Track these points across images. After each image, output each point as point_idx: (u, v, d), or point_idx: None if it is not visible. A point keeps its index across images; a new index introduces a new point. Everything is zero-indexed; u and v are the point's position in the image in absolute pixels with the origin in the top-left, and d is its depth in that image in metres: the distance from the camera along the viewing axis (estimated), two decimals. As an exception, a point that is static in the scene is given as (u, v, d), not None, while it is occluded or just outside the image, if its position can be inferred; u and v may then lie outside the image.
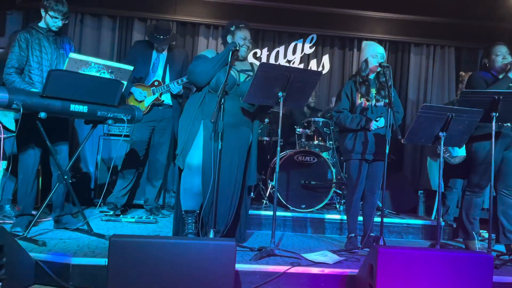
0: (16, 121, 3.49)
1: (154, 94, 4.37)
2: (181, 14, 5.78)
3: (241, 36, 3.38)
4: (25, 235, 3.14)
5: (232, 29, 3.41)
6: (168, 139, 4.53)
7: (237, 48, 3.29)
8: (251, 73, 3.44)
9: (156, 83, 4.39)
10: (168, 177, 4.94)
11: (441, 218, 3.82)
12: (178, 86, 4.33)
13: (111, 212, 4.28)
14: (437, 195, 3.49)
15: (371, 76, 3.62)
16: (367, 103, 3.57)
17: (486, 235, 4.26)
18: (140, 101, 4.36)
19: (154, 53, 4.45)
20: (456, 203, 4.82)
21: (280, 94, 3.16)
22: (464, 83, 4.58)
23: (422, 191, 5.38)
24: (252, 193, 4.79)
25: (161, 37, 4.33)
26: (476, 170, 3.75)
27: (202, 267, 2.39)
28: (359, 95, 3.57)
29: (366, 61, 3.58)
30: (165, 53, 4.47)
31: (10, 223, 3.48)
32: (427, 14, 5.99)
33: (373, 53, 3.55)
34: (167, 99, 4.44)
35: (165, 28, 4.40)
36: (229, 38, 3.41)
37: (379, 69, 3.55)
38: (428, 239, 4.38)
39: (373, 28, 6.01)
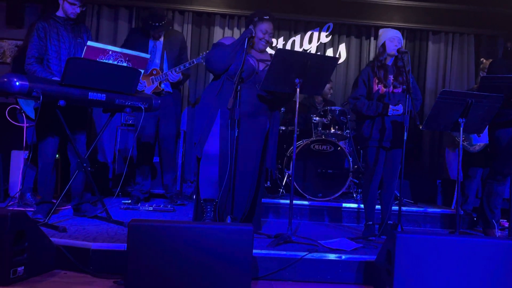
0: (36, 110, 3.54)
1: (153, 83, 4.36)
2: (196, 4, 5.77)
3: (262, 30, 3.34)
4: (46, 221, 3.20)
5: (255, 19, 3.37)
6: (174, 128, 4.52)
7: (253, 35, 3.28)
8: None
9: (154, 72, 4.36)
10: (184, 166, 4.97)
11: (459, 207, 3.78)
12: (176, 74, 4.31)
13: (130, 201, 4.33)
14: (457, 183, 3.45)
15: (389, 62, 3.57)
16: (385, 89, 3.52)
17: (506, 224, 4.20)
18: (141, 91, 4.34)
19: (151, 41, 4.39)
20: (475, 192, 4.75)
21: (296, 80, 3.14)
22: (485, 70, 4.50)
23: (440, 181, 5.32)
24: (268, 182, 4.80)
25: (156, 24, 4.26)
26: (499, 157, 3.69)
27: (219, 252, 2.41)
28: (376, 81, 3.53)
29: (383, 45, 3.52)
30: (161, 40, 4.42)
31: (31, 211, 3.53)
32: (445, 1, 5.87)
33: (391, 37, 3.49)
34: (167, 86, 4.43)
35: (160, 15, 4.34)
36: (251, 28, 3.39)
37: (396, 54, 3.49)
38: (447, 228, 4.34)
39: (390, 16, 5.92)
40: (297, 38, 5.99)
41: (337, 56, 6.00)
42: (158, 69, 4.38)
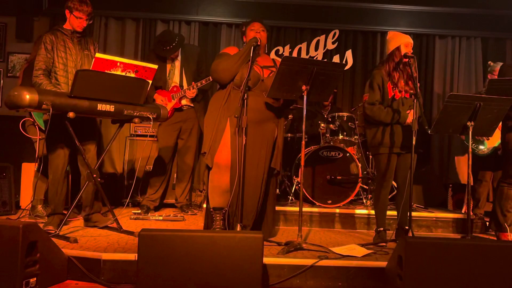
0: (46, 122, 3.58)
1: (173, 99, 4.47)
2: (203, 14, 5.82)
3: (252, 29, 3.44)
4: (57, 232, 3.21)
5: (244, 29, 3.51)
6: (195, 142, 4.59)
7: (259, 44, 3.30)
8: (274, 69, 3.44)
9: (174, 89, 4.49)
10: (193, 176, 4.98)
11: (471, 212, 3.74)
12: (192, 91, 4.39)
13: (140, 211, 4.35)
14: (467, 187, 3.42)
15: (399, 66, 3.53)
16: (399, 94, 3.48)
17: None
18: None
19: (168, 62, 4.52)
20: (487, 196, 4.71)
21: (303, 87, 3.15)
22: (493, 73, 4.48)
23: (451, 185, 5.28)
24: (277, 189, 4.79)
25: (168, 48, 4.37)
26: (511, 160, 3.66)
27: (230, 260, 2.41)
28: (391, 85, 3.49)
29: (398, 49, 3.44)
30: (179, 58, 4.53)
31: (43, 222, 3.56)
32: (451, 5, 5.87)
33: (406, 42, 3.43)
34: (187, 102, 4.53)
35: (169, 37, 4.43)
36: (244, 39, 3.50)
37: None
38: (459, 232, 4.30)
39: (396, 21, 5.92)
40: (303, 45, 6.00)
41: (343, 62, 6.00)
42: (178, 86, 4.49)
